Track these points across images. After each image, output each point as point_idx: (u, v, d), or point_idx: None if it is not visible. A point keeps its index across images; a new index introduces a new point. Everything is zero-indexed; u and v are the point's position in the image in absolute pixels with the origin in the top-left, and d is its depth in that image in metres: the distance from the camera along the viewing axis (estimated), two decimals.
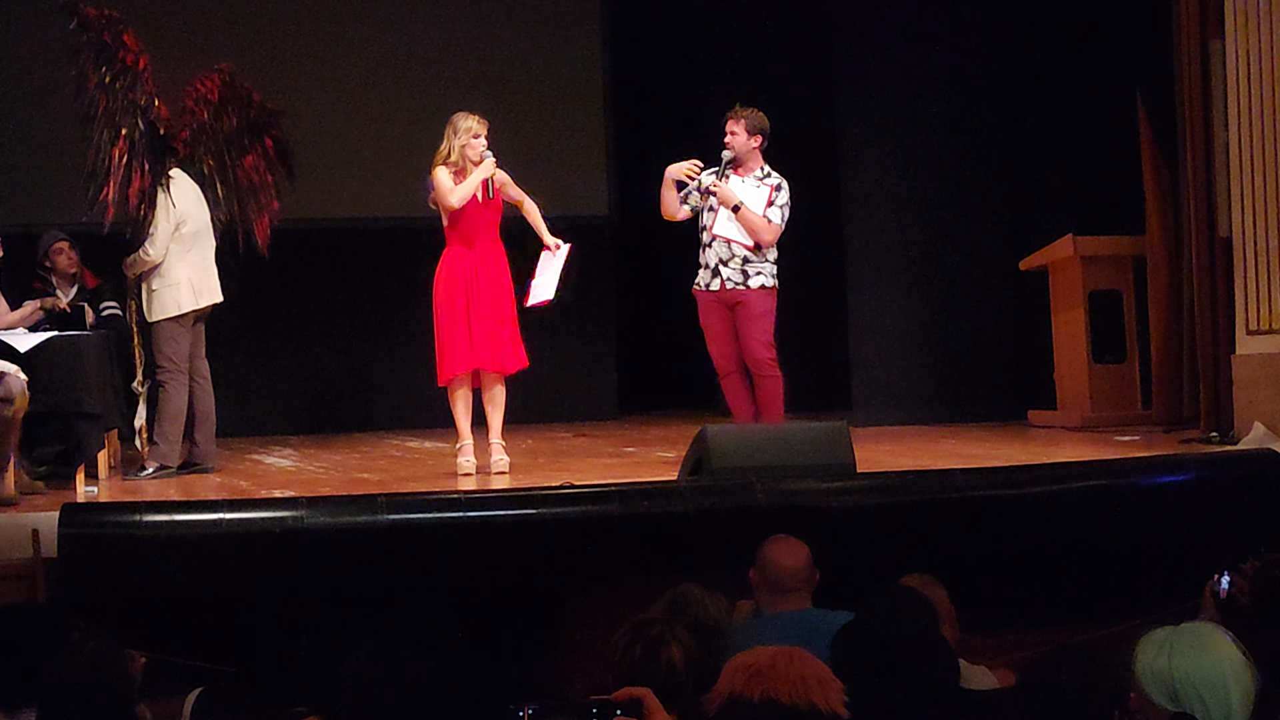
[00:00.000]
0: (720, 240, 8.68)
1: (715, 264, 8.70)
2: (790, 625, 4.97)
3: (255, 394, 11.29)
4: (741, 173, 8.75)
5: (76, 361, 8.17)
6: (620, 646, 3.90)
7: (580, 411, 11.82)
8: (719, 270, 8.69)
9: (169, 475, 8.61)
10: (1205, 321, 9.20)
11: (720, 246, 8.68)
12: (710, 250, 8.72)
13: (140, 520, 6.50)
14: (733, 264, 8.66)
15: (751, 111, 8.76)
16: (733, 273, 8.66)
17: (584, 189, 11.98)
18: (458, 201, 8.41)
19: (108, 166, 8.45)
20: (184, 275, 8.71)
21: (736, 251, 8.66)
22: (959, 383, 10.86)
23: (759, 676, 3.10)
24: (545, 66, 12.04)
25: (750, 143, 8.74)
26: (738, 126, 8.73)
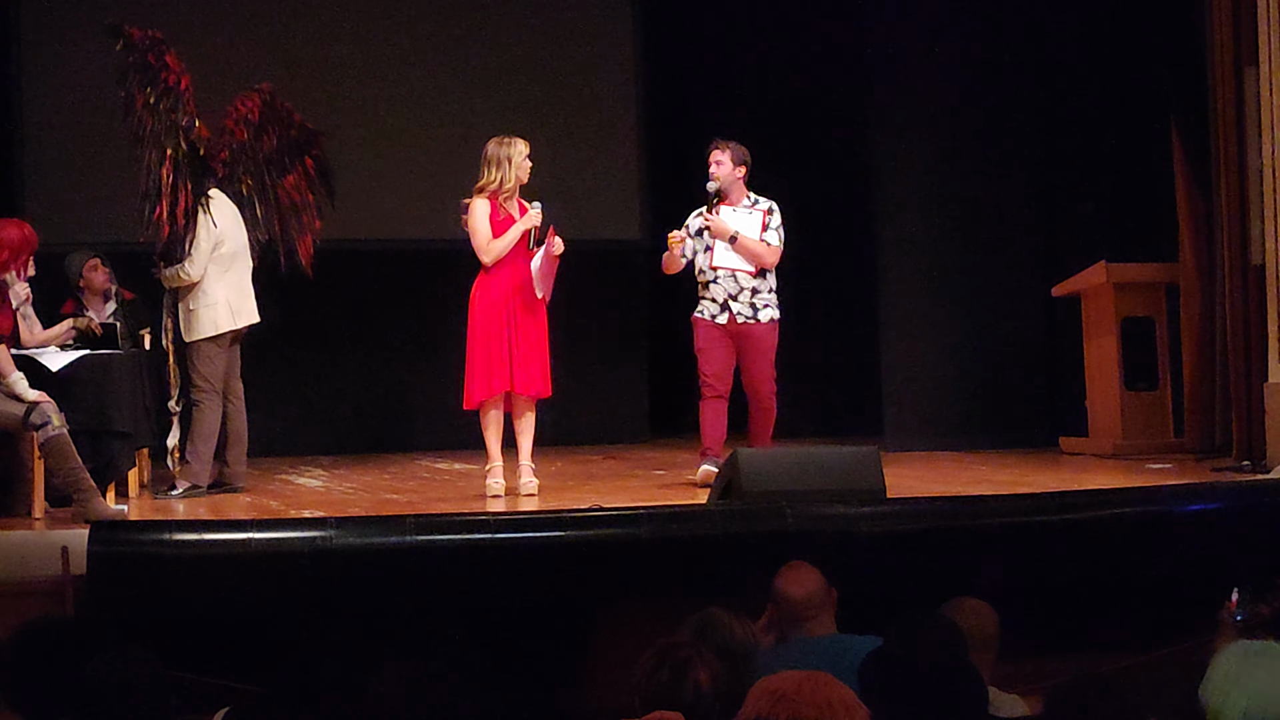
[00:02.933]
0: (724, 273, 8.74)
1: (724, 299, 8.76)
2: (816, 651, 4.95)
3: (286, 414, 11.31)
4: (729, 203, 8.80)
5: (108, 380, 8.20)
6: (647, 669, 3.88)
7: (610, 434, 11.81)
8: (728, 305, 8.76)
9: (199, 495, 8.63)
10: (1238, 350, 9.17)
11: (726, 280, 8.74)
12: (716, 286, 8.78)
13: (169, 539, 6.52)
14: (742, 297, 8.73)
15: (734, 143, 8.86)
16: (743, 307, 8.73)
17: (616, 213, 12.00)
18: (491, 259, 8.44)
19: (158, 187, 8.48)
20: (222, 295, 8.73)
21: (744, 283, 8.72)
22: (990, 409, 10.83)
23: (784, 701, 3.08)
24: (579, 90, 12.07)
25: (735, 173, 8.82)
26: (723, 157, 8.81)
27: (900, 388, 10.95)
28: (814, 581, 5.19)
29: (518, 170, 8.48)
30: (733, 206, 8.84)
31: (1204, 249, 9.87)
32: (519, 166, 8.49)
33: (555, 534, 6.75)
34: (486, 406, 8.52)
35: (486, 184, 8.50)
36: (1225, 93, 9.19)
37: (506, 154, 8.49)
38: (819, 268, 11.55)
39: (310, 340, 11.66)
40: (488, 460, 8.54)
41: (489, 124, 9.50)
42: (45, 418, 7.50)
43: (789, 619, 5.16)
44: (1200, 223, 9.90)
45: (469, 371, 8.52)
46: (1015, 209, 10.95)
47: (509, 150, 8.50)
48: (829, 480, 7.19)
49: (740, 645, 4.50)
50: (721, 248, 8.75)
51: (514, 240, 8.42)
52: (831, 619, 5.20)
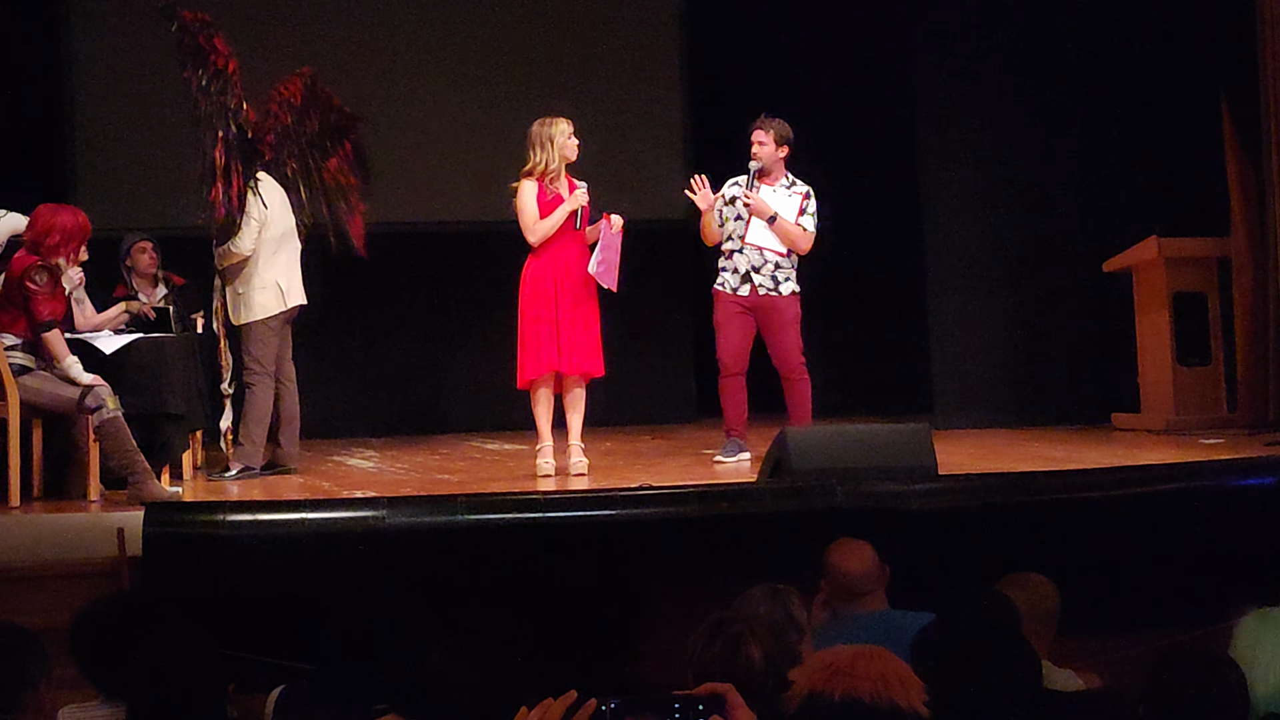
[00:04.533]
0: (752, 248, 8.77)
1: (746, 270, 8.78)
2: (868, 627, 4.95)
3: (338, 396, 11.37)
4: (768, 182, 8.79)
5: (161, 363, 8.24)
6: (699, 644, 3.89)
7: (658, 414, 11.83)
8: (750, 276, 8.77)
9: (252, 476, 8.67)
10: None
11: (752, 253, 8.76)
12: (740, 256, 8.81)
13: (224, 519, 6.56)
14: (764, 270, 8.75)
15: (778, 121, 8.85)
16: (764, 279, 8.75)
17: (661, 192, 11.95)
18: (537, 240, 8.45)
19: (213, 168, 8.52)
20: (271, 278, 8.76)
21: (769, 259, 8.76)
22: (1042, 385, 10.79)
23: (840, 675, 3.06)
24: (623, 69, 12.07)
25: (777, 153, 8.82)
26: (766, 137, 8.80)
27: (950, 365, 10.91)
28: (868, 557, 5.19)
29: (561, 150, 8.47)
30: (772, 186, 8.83)
31: (1256, 223, 9.81)
32: (562, 146, 8.48)
33: (605, 513, 6.77)
34: (536, 386, 8.53)
35: (533, 166, 8.50)
36: (1276, 66, 9.12)
37: (549, 134, 8.49)
38: (867, 244, 11.53)
39: (360, 323, 11.73)
40: (538, 440, 8.56)
41: (531, 105, 9.49)
42: (100, 401, 7.55)
43: (842, 595, 5.16)
44: (1252, 196, 9.84)
45: (519, 351, 8.54)
46: (1065, 183, 10.87)
47: (551, 130, 8.50)
48: (879, 458, 7.18)
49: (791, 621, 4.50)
50: (758, 225, 8.76)
51: (559, 221, 8.42)
52: (884, 596, 5.20)
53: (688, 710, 2.41)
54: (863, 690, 3.06)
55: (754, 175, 8.81)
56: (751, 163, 8.83)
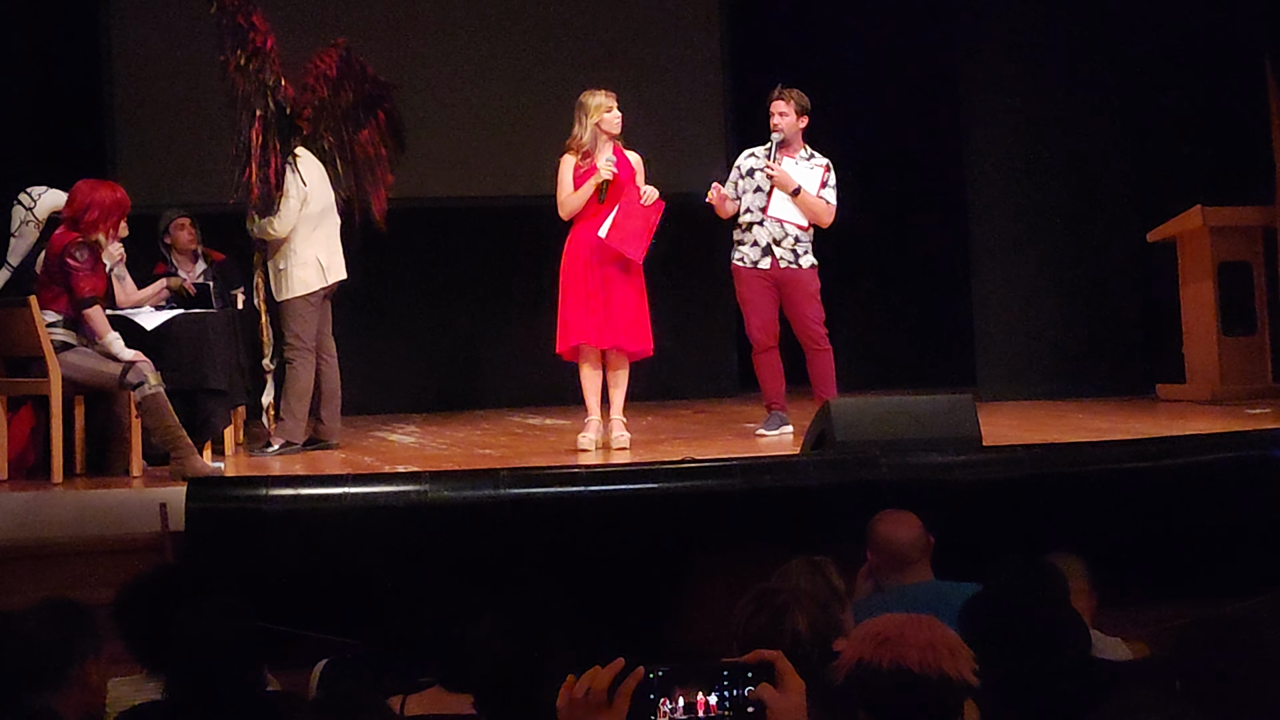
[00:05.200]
0: (773, 220, 8.71)
1: (767, 243, 8.74)
2: (914, 597, 4.91)
3: (379, 372, 11.37)
4: (788, 153, 8.74)
5: (202, 338, 8.25)
6: (745, 615, 3.86)
7: (700, 388, 11.80)
8: (771, 249, 8.72)
9: (294, 451, 8.68)
10: None
11: (773, 226, 8.72)
12: (761, 229, 8.76)
13: (266, 494, 6.54)
14: (785, 244, 8.72)
15: (796, 91, 8.83)
16: (785, 252, 8.71)
17: (703, 164, 11.91)
18: (566, 215, 8.43)
19: (248, 148, 8.50)
20: (312, 254, 8.75)
21: (789, 231, 8.72)
22: (1085, 356, 10.73)
23: (888, 644, 3.04)
24: (664, 41, 12.01)
25: (798, 123, 8.74)
26: (787, 108, 8.75)
27: (993, 337, 10.85)
28: (914, 527, 5.15)
29: (597, 121, 8.39)
30: (792, 158, 8.77)
31: None
32: (597, 117, 8.39)
33: (648, 486, 6.73)
34: (582, 360, 8.49)
35: (571, 139, 8.46)
36: None
37: (586, 106, 8.42)
38: (910, 216, 11.47)
39: (402, 297, 11.73)
40: (586, 413, 8.53)
41: (569, 76, 9.49)
42: (141, 377, 7.55)
43: (887, 565, 5.13)
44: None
45: (559, 324, 8.50)
46: (1108, 153, 10.79)
47: (588, 102, 8.43)
48: (923, 429, 7.13)
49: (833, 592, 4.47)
50: (780, 198, 8.71)
51: (584, 195, 8.35)
52: (928, 566, 5.17)
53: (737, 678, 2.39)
54: (911, 659, 3.04)
55: (776, 147, 8.75)
56: (773, 134, 8.77)
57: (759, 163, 8.80)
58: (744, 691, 2.40)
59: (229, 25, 8.54)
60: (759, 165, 8.79)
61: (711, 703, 2.39)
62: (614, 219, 8.27)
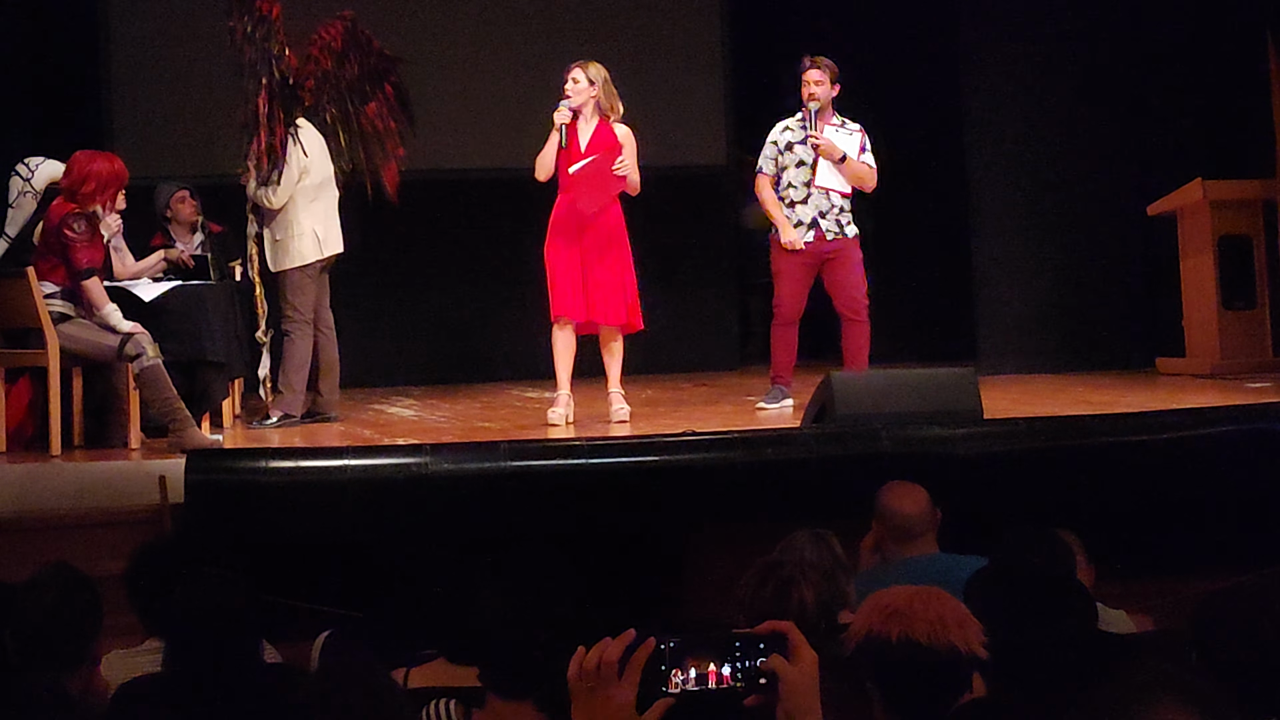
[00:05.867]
0: (819, 191, 8.65)
1: (813, 217, 8.69)
2: (918, 570, 4.89)
3: (377, 345, 11.33)
4: (825, 121, 8.70)
5: (200, 310, 8.22)
6: (750, 587, 3.85)
7: (700, 361, 11.75)
8: (817, 222, 8.67)
9: (293, 424, 8.65)
10: None
11: (819, 198, 8.68)
12: (807, 205, 8.70)
13: (266, 466, 6.54)
14: (831, 215, 8.70)
15: (827, 60, 8.77)
16: (831, 224, 8.69)
17: (702, 137, 11.90)
18: (541, 175, 8.41)
19: (256, 117, 8.46)
20: (309, 226, 8.70)
21: (835, 202, 8.71)
22: (1086, 330, 10.70)
23: (897, 616, 3.03)
24: (662, 13, 11.94)
25: (832, 91, 8.71)
26: (821, 75, 8.72)
27: (994, 310, 10.82)
28: (921, 499, 5.14)
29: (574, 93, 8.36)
30: (828, 125, 8.73)
31: None
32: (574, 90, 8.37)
33: (649, 458, 6.72)
34: (554, 333, 8.47)
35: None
36: None
37: None
38: (911, 190, 11.41)
39: (399, 270, 11.68)
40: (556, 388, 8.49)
41: (567, 50, 9.41)
42: (140, 349, 7.52)
43: (894, 537, 5.11)
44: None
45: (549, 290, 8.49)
46: (1108, 127, 10.75)
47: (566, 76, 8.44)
48: (924, 402, 7.13)
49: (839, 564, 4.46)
50: (825, 167, 8.66)
51: (550, 149, 8.33)
52: (934, 540, 5.15)
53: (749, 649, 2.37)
54: (920, 632, 3.03)
55: (815, 116, 8.70)
56: (809, 103, 8.73)
57: (796, 135, 8.75)
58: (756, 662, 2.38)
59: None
60: (797, 138, 8.74)
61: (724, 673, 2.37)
62: (583, 168, 8.28)
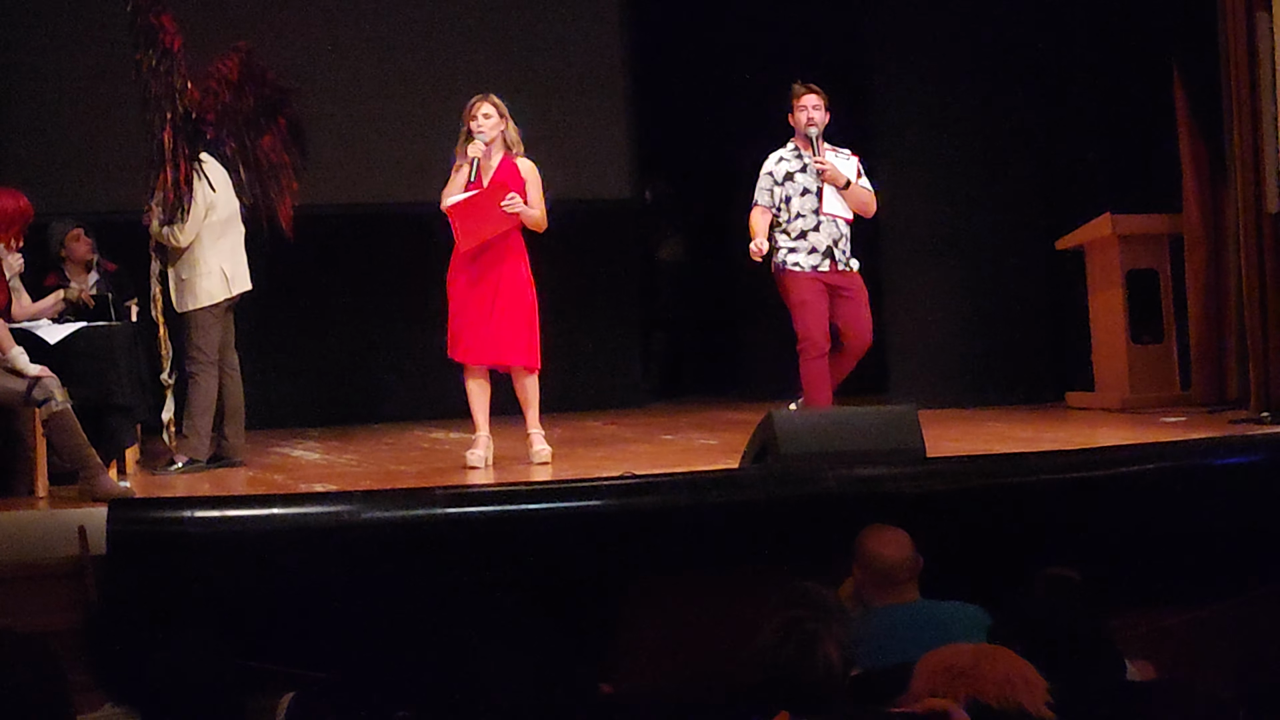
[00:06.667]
0: (828, 219, 8.49)
1: (828, 245, 8.50)
2: (906, 618, 4.77)
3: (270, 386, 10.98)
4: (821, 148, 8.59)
5: (107, 352, 7.93)
6: (771, 644, 3.65)
7: (606, 399, 11.52)
8: (831, 251, 8.50)
9: (199, 469, 8.36)
10: (1254, 300, 9.01)
11: (829, 226, 8.52)
12: (819, 233, 8.52)
13: (192, 516, 6.24)
14: (842, 244, 8.54)
15: (820, 89, 8.60)
16: (842, 255, 8.52)
17: (606, 170, 11.71)
18: (445, 207, 8.26)
19: (161, 152, 8.20)
20: (216, 264, 8.46)
21: (843, 230, 8.56)
22: (994, 364, 10.61)
23: (963, 678, 2.88)
24: (566, 45, 11.73)
25: (826, 117, 8.58)
26: (820, 101, 8.59)
27: (903, 345, 10.75)
28: (904, 544, 5.01)
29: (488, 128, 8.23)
30: (826, 152, 8.60)
31: (1208, 198, 9.76)
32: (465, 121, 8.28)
33: (593, 503, 6.52)
34: (467, 378, 8.31)
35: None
36: (1237, 39, 8.98)
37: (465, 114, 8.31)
38: None
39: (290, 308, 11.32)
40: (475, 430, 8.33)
41: (470, 82, 9.21)
42: (48, 393, 7.19)
43: (875, 583, 4.96)
44: (1204, 171, 9.77)
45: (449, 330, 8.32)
46: (1017, 162, 10.70)
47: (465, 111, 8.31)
48: (867, 440, 7.00)
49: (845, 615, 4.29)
50: (831, 194, 8.51)
51: (459, 181, 8.21)
52: (916, 586, 5.01)
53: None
54: (988, 694, 2.89)
55: (816, 142, 8.57)
56: (809, 129, 8.58)
57: (795, 165, 8.58)
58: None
59: (142, 24, 8.24)
60: (796, 167, 8.58)
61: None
62: (472, 198, 8.16)
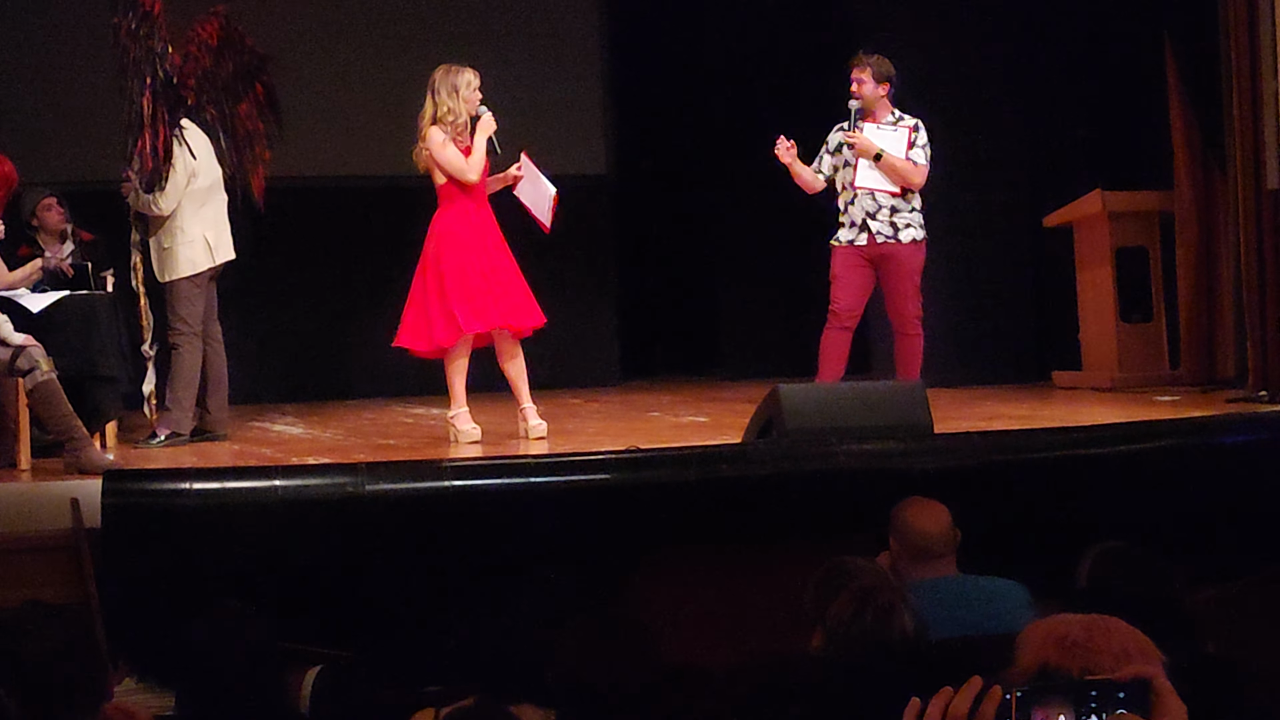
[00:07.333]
0: (864, 193, 8.37)
1: (862, 218, 8.37)
2: (944, 592, 4.65)
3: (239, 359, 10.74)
4: (872, 120, 8.44)
5: (91, 322, 7.76)
6: (846, 615, 3.52)
7: (580, 377, 11.33)
8: (867, 224, 8.36)
9: (182, 442, 8.16)
10: (1252, 278, 8.94)
11: (865, 199, 8.37)
12: (855, 206, 8.39)
13: (189, 489, 6.09)
14: (880, 216, 8.36)
15: (876, 58, 8.47)
16: (882, 225, 8.36)
17: (581, 146, 11.54)
18: (476, 175, 8.05)
19: (140, 117, 7.98)
20: (199, 232, 8.26)
21: (883, 202, 8.37)
22: (979, 343, 10.50)
23: (1076, 648, 2.72)
24: (541, 19, 11.57)
25: (878, 90, 8.44)
26: (864, 75, 8.42)
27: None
28: (943, 517, 4.88)
29: (466, 103, 8.05)
30: (876, 124, 8.44)
31: (1200, 175, 9.66)
32: (467, 99, 8.05)
33: (600, 477, 6.38)
34: (461, 348, 8.10)
35: (441, 115, 8.04)
36: (1238, 13, 8.89)
37: (454, 83, 8.05)
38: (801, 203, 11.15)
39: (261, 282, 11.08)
40: (453, 404, 8.11)
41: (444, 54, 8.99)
42: (33, 362, 7.00)
43: (912, 557, 4.83)
44: (1196, 147, 9.68)
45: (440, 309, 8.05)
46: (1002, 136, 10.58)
47: (456, 79, 8.06)
48: (874, 416, 6.88)
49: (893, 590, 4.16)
50: (865, 166, 8.37)
51: (483, 153, 8.03)
52: (954, 561, 4.89)
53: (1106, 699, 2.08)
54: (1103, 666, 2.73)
55: (856, 115, 8.44)
56: (851, 102, 8.45)
57: (844, 135, 8.47)
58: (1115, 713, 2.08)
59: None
60: (844, 138, 8.46)
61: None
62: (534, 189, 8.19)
